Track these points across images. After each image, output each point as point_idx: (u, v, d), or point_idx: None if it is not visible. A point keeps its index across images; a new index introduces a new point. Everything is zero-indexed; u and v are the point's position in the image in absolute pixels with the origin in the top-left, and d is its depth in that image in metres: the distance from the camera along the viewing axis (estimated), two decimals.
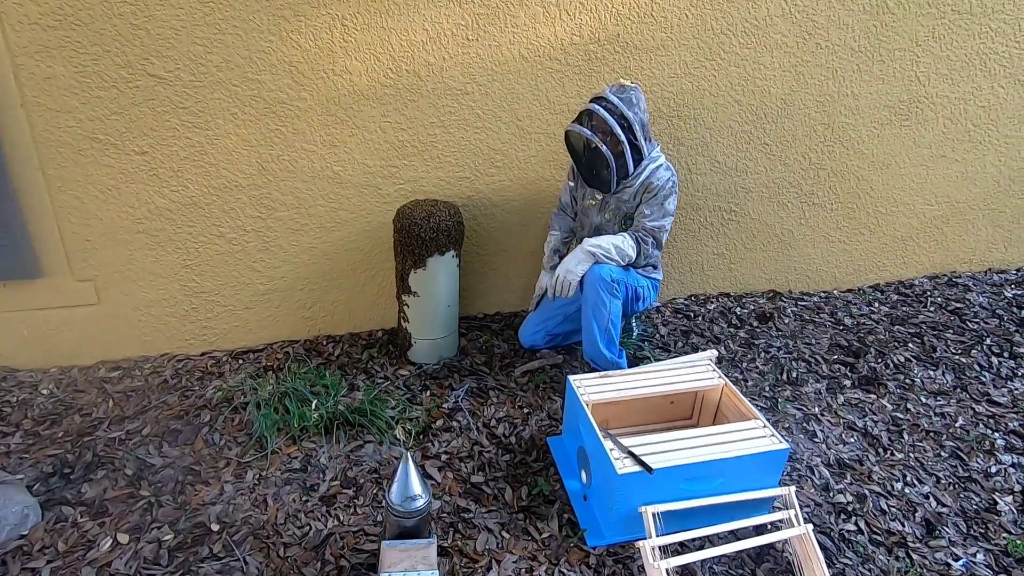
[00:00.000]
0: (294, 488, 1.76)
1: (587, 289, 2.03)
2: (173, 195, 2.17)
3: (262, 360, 2.35)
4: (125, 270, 2.23)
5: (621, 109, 1.91)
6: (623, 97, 1.94)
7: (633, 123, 1.93)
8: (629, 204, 2.07)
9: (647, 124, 2.01)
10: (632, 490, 1.52)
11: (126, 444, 1.91)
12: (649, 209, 2.03)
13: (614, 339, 2.09)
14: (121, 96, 1.99)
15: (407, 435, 1.96)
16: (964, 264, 3.21)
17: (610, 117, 1.90)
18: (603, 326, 2.04)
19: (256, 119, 2.13)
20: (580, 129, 1.94)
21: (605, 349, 2.08)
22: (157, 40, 1.95)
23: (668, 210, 2.04)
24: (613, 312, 2.03)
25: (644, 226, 2.04)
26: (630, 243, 2.03)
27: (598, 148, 1.91)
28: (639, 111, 1.95)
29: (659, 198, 2.02)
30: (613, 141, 1.92)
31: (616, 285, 2.00)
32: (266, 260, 2.35)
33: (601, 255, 2.00)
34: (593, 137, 1.91)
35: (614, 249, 2.01)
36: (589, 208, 2.17)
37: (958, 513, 1.73)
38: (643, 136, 1.97)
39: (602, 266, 2.00)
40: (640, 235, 2.04)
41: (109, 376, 2.24)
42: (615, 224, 2.12)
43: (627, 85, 1.97)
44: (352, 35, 2.09)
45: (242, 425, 1.99)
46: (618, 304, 2.04)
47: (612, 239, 2.03)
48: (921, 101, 2.75)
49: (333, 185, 2.30)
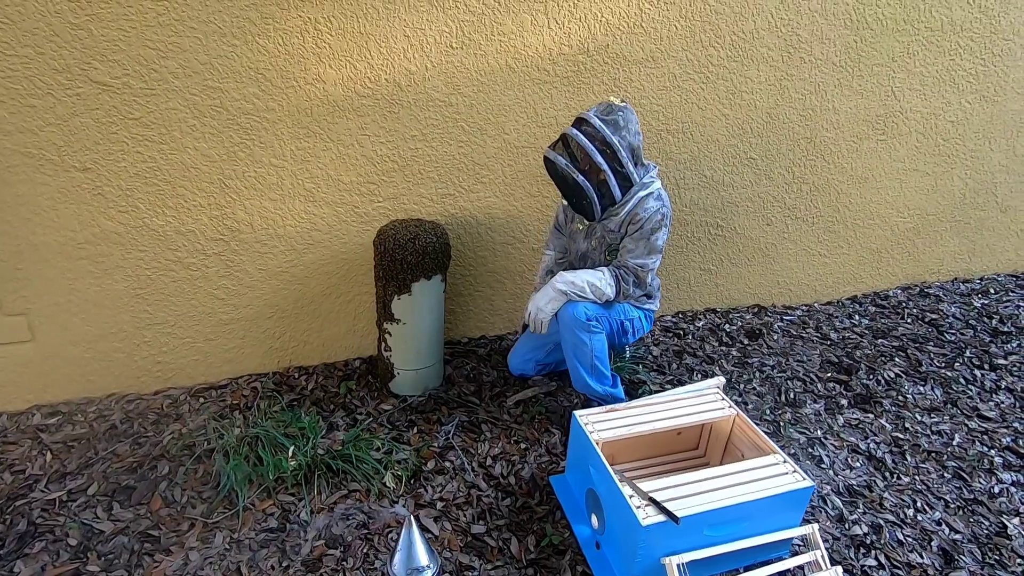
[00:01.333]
0: (272, 552, 1.56)
1: (563, 330, 1.88)
2: (122, 216, 1.92)
3: (226, 398, 2.12)
4: (64, 302, 1.96)
5: (603, 134, 1.72)
6: (608, 119, 1.75)
7: (618, 149, 1.74)
8: (614, 236, 1.89)
9: (638, 148, 1.81)
10: (654, 540, 1.41)
11: (68, 507, 1.65)
12: (633, 244, 1.84)
13: (603, 372, 1.94)
14: (59, 105, 1.74)
15: (397, 482, 1.78)
16: (933, 274, 3.28)
17: (589, 144, 1.72)
18: (587, 364, 1.91)
19: (218, 131, 1.91)
20: (555, 157, 1.76)
21: (596, 385, 1.95)
22: (101, 42, 1.71)
23: (655, 246, 1.84)
24: (596, 348, 1.88)
25: (626, 263, 1.86)
26: (607, 280, 1.85)
27: (574, 178, 1.74)
28: (627, 134, 1.76)
29: (644, 232, 1.82)
30: (593, 169, 1.75)
31: (594, 323, 1.85)
32: (229, 287, 2.12)
33: (574, 294, 1.83)
34: (568, 168, 1.73)
35: (588, 287, 1.83)
36: (576, 232, 2.03)
37: (971, 539, 1.70)
38: (631, 161, 1.79)
39: (576, 305, 1.84)
40: (620, 272, 1.86)
41: (45, 423, 1.96)
42: (601, 253, 1.95)
43: (615, 104, 1.78)
44: (326, 40, 1.91)
45: (207, 477, 1.77)
46: (600, 338, 1.89)
47: (588, 276, 1.85)
48: (896, 116, 2.78)
49: (305, 203, 2.09)
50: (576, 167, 1.75)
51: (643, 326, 2.05)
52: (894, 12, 2.54)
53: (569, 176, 1.75)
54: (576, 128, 1.76)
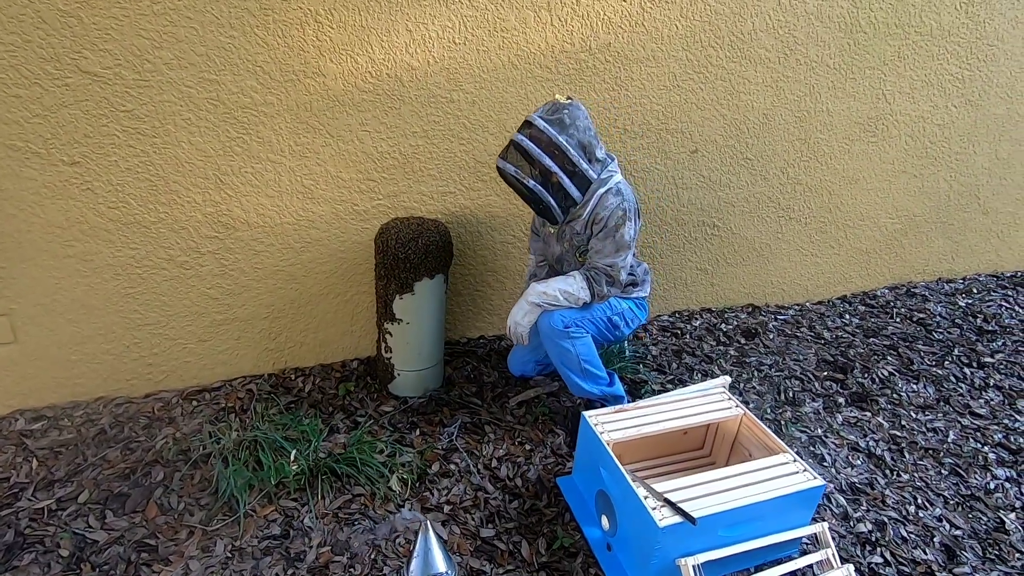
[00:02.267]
0: (275, 559, 1.51)
1: (544, 342, 1.85)
2: (112, 212, 1.84)
3: (220, 401, 2.05)
4: (50, 302, 1.87)
5: (549, 135, 1.66)
6: (553, 119, 1.68)
7: (567, 149, 1.68)
8: (580, 236, 1.84)
9: (590, 144, 1.74)
10: (670, 542, 1.40)
11: (58, 516, 1.58)
12: (600, 243, 1.78)
13: (596, 373, 1.90)
14: (46, 95, 1.66)
15: (403, 485, 1.74)
16: (919, 275, 3.35)
17: (535, 147, 1.66)
18: (577, 369, 1.87)
19: (214, 126, 1.85)
20: (503, 165, 1.70)
21: (591, 388, 1.91)
22: (92, 31, 1.64)
23: (622, 243, 1.77)
24: (582, 352, 1.84)
25: (596, 264, 1.81)
26: (580, 285, 1.81)
27: (524, 184, 1.69)
28: (576, 132, 1.70)
29: (608, 230, 1.76)
30: (544, 173, 1.69)
31: (573, 328, 1.81)
32: (224, 286, 2.05)
33: (547, 304, 1.82)
34: (518, 175, 1.68)
35: (560, 295, 1.81)
36: (549, 236, 1.97)
37: (972, 535, 1.73)
38: (584, 159, 1.73)
39: (551, 314, 1.81)
40: (591, 274, 1.81)
41: (30, 429, 1.87)
42: (572, 255, 1.90)
43: (560, 103, 1.71)
44: (327, 33, 1.86)
45: (204, 483, 1.71)
46: (584, 341, 1.85)
47: (559, 284, 1.82)
48: (886, 118, 2.82)
49: (303, 200, 2.04)
50: (527, 173, 1.70)
51: (636, 315, 2.00)
52: (886, 16, 2.59)
53: (519, 183, 1.71)
54: (522, 133, 1.70)
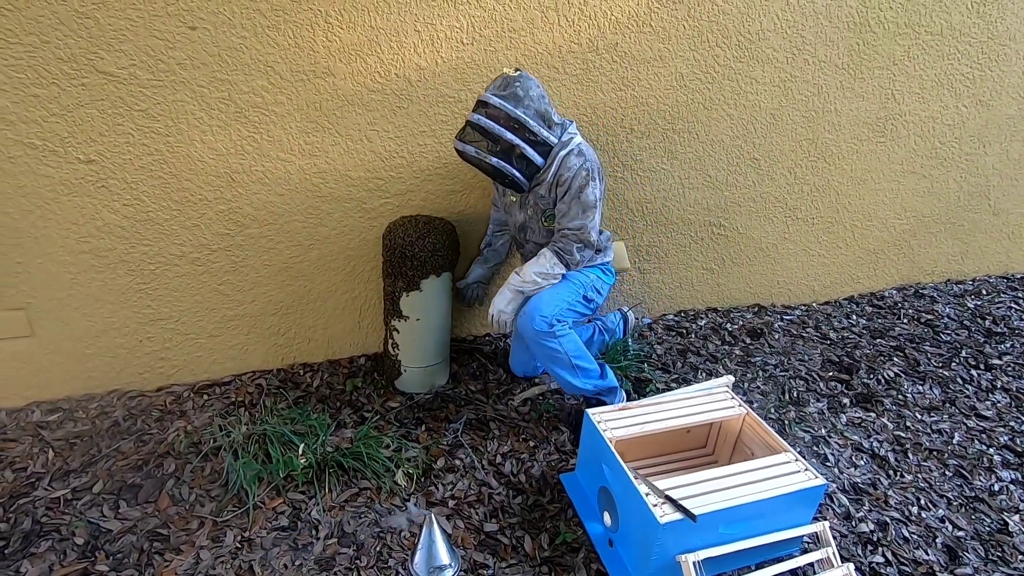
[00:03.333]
0: (284, 550, 1.54)
1: (531, 345, 1.86)
2: (126, 210, 1.88)
3: (230, 395, 2.09)
4: (65, 297, 1.92)
5: (506, 111, 1.69)
6: (507, 94, 1.70)
7: (526, 121, 1.70)
8: (545, 200, 1.86)
9: (547, 111, 1.76)
10: (670, 538, 1.41)
11: (73, 506, 1.62)
12: (566, 206, 1.80)
13: (587, 368, 1.90)
14: (63, 95, 1.70)
15: (408, 479, 1.77)
16: (927, 276, 3.33)
17: (495, 125, 1.68)
18: (566, 366, 1.88)
19: (225, 124, 1.88)
20: (463, 147, 1.72)
21: (583, 384, 1.91)
22: (108, 31, 1.68)
23: (588, 203, 1.79)
24: (570, 349, 1.85)
25: (564, 230, 1.83)
26: (552, 261, 1.86)
27: (487, 163, 1.71)
28: (531, 102, 1.72)
29: (573, 191, 1.78)
30: (504, 148, 1.71)
31: (557, 326, 1.82)
32: (234, 282, 2.09)
33: (529, 291, 1.87)
34: (479, 155, 1.70)
35: (538, 277, 1.85)
36: (511, 205, 2.00)
37: (974, 536, 1.73)
38: (543, 127, 1.75)
39: (532, 316, 1.80)
40: (560, 245, 1.84)
41: (46, 420, 1.92)
42: (537, 220, 1.93)
43: (510, 76, 1.73)
44: (336, 34, 1.89)
45: (215, 475, 1.74)
46: (570, 338, 1.86)
47: (533, 268, 1.86)
48: (895, 118, 2.81)
49: (312, 199, 2.07)
50: (487, 150, 1.71)
51: (605, 281, 2.02)
52: (896, 15, 2.57)
53: (482, 163, 1.72)
54: (477, 112, 1.71)
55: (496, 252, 2.25)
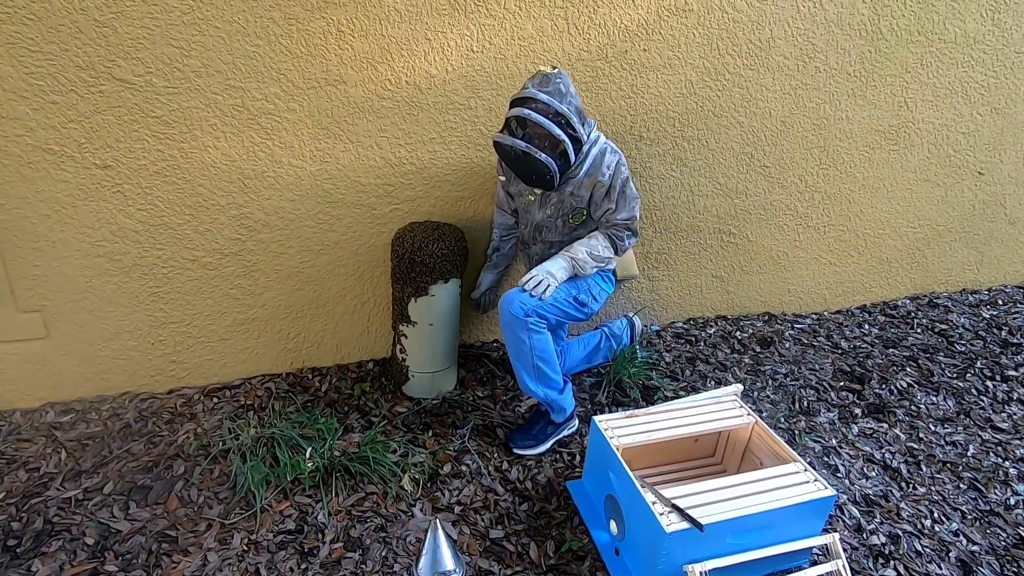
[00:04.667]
0: (290, 553, 1.55)
1: (503, 328, 1.82)
2: (140, 214, 1.91)
3: (240, 398, 2.11)
4: (80, 299, 1.95)
5: (554, 106, 1.68)
6: (551, 90, 1.70)
7: (570, 117, 1.70)
8: (576, 197, 1.85)
9: (581, 108, 1.78)
10: (677, 548, 1.40)
11: (84, 506, 1.64)
12: (612, 203, 1.84)
13: (548, 375, 1.86)
14: (81, 102, 1.74)
15: (415, 485, 1.77)
16: (942, 285, 3.28)
17: (545, 120, 1.66)
18: (528, 364, 1.83)
19: (238, 131, 1.91)
20: (513, 142, 1.68)
21: (537, 388, 1.86)
22: (126, 40, 1.71)
23: (631, 195, 1.85)
24: (537, 348, 1.81)
25: (615, 222, 1.85)
26: (605, 244, 1.87)
27: (536, 158, 1.68)
28: (571, 98, 1.73)
29: (616, 186, 1.82)
30: (552, 144, 1.70)
31: (532, 319, 1.78)
32: (245, 286, 2.11)
33: (579, 268, 1.85)
34: (529, 148, 1.66)
35: (591, 259, 1.85)
36: (529, 205, 1.96)
37: (989, 551, 1.70)
38: (581, 123, 1.76)
39: (511, 298, 1.78)
40: (614, 232, 1.87)
41: (59, 421, 1.95)
42: (558, 219, 1.91)
43: (550, 74, 1.73)
44: (348, 42, 1.91)
45: (223, 478, 1.76)
46: (541, 337, 1.81)
47: (585, 248, 1.85)
48: (908, 126, 2.79)
49: (323, 204, 2.09)
50: (536, 145, 1.69)
51: (603, 288, 1.98)
52: (908, 23, 2.56)
53: (531, 157, 1.69)
54: (527, 107, 1.69)
55: (504, 256, 2.24)
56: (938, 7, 2.57)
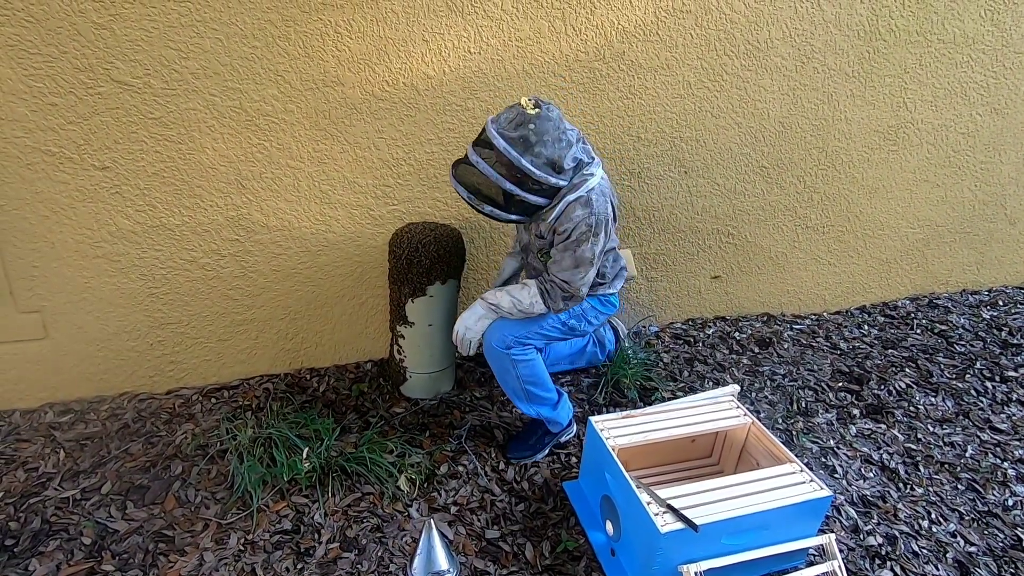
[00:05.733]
0: (286, 553, 1.55)
1: (487, 358, 1.77)
2: (139, 216, 1.92)
3: (238, 399, 2.11)
4: (79, 300, 1.96)
5: (511, 158, 1.47)
6: (516, 137, 1.48)
7: (531, 172, 1.49)
8: (542, 241, 1.71)
9: (560, 157, 1.54)
10: (672, 548, 1.40)
11: (82, 506, 1.65)
12: (559, 255, 1.63)
13: (538, 395, 1.81)
14: (80, 104, 1.75)
15: (411, 485, 1.78)
16: (942, 285, 3.28)
17: (494, 173, 1.49)
18: (517, 391, 1.80)
19: (236, 132, 1.92)
20: (458, 188, 1.56)
21: (526, 407, 1.84)
22: (124, 42, 1.72)
23: (582, 258, 1.61)
24: (524, 374, 1.75)
25: (553, 276, 1.67)
26: (533, 297, 1.68)
27: (479, 210, 1.58)
28: (544, 149, 1.50)
29: (569, 244, 1.60)
30: (502, 194, 1.56)
31: (514, 350, 1.71)
32: (243, 287, 2.12)
33: (503, 313, 1.71)
34: (472, 201, 1.54)
35: (513, 307, 1.68)
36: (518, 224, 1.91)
37: (987, 552, 1.69)
38: (553, 174, 1.55)
39: (492, 332, 1.70)
40: (547, 286, 1.68)
41: (58, 421, 1.95)
42: (536, 250, 1.80)
43: (528, 114, 1.50)
44: (346, 44, 1.92)
45: (220, 478, 1.76)
46: (528, 364, 1.74)
47: (514, 294, 1.70)
48: (907, 127, 2.78)
49: (320, 205, 2.10)
50: (482, 198, 1.56)
51: (600, 312, 1.87)
52: (907, 24, 2.56)
53: (476, 208, 1.58)
54: (478, 152, 1.52)
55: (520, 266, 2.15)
56: (937, 8, 2.57)
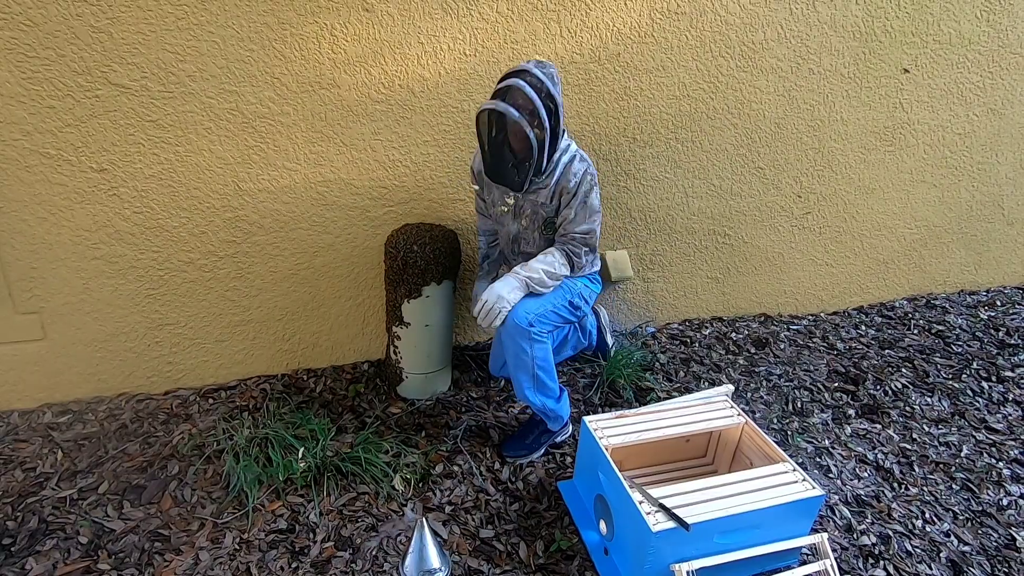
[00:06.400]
0: (281, 552, 1.56)
1: (504, 337, 1.77)
2: (136, 217, 1.94)
3: (235, 399, 2.13)
4: (77, 301, 1.97)
5: (547, 86, 1.59)
6: (547, 72, 1.61)
7: (559, 105, 1.63)
8: (547, 208, 1.79)
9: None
10: (664, 547, 1.41)
11: (79, 505, 1.66)
12: (572, 211, 1.75)
13: (547, 384, 1.83)
14: (77, 106, 1.76)
15: (406, 484, 1.78)
16: (939, 286, 3.28)
17: (536, 96, 1.55)
18: (529, 374, 1.80)
19: (233, 135, 1.93)
20: (506, 108, 1.54)
21: (535, 398, 1.84)
22: (121, 45, 1.74)
23: (593, 207, 1.77)
24: (538, 357, 1.77)
25: (572, 234, 1.77)
26: (561, 261, 1.78)
27: (524, 134, 1.57)
28: (560, 91, 1.66)
29: (579, 196, 1.74)
30: (538, 125, 1.59)
31: (535, 328, 1.73)
32: (241, 288, 2.13)
33: (535, 286, 1.75)
34: (521, 120, 1.54)
35: (546, 276, 1.76)
36: (503, 216, 1.89)
37: (980, 551, 1.69)
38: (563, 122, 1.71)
39: (516, 310, 1.73)
40: (570, 248, 1.79)
41: (56, 422, 1.97)
42: (534, 231, 1.85)
43: (544, 61, 1.68)
44: (342, 46, 1.93)
45: (216, 477, 1.77)
46: (543, 347, 1.78)
47: (541, 264, 1.76)
48: (904, 127, 2.79)
49: (317, 207, 2.11)
50: (528, 122, 1.57)
51: (592, 290, 1.94)
52: (903, 24, 2.56)
53: (520, 130, 1.57)
54: (519, 78, 1.58)
55: (495, 263, 2.18)
56: (932, 8, 2.58)
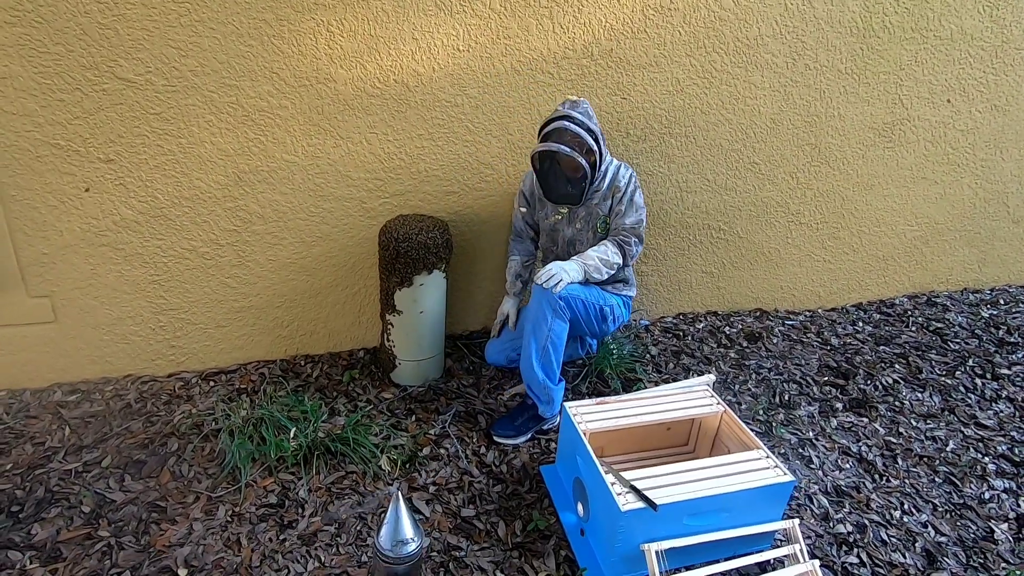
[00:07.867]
0: (270, 525, 1.63)
1: (532, 301, 1.93)
2: (141, 206, 2.02)
3: (235, 382, 2.21)
4: (85, 286, 2.07)
5: (587, 123, 1.92)
6: (582, 111, 1.95)
7: (599, 134, 1.95)
8: (601, 207, 2.04)
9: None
10: (634, 527, 1.45)
11: (83, 477, 1.75)
12: (623, 207, 2.02)
13: (552, 363, 1.93)
14: (86, 100, 1.85)
15: (392, 465, 1.85)
16: (942, 284, 3.26)
17: (582, 131, 1.89)
18: (541, 344, 1.90)
19: (233, 127, 2.01)
20: (561, 148, 1.85)
21: (539, 370, 1.92)
22: (127, 41, 1.82)
23: (639, 204, 2.04)
24: (555, 332, 1.90)
25: (623, 227, 2.01)
26: (613, 250, 1.99)
27: (578, 164, 1.89)
28: (595, 121, 1.99)
29: (628, 194, 2.01)
30: (588, 153, 1.93)
31: (564, 305, 1.88)
32: (241, 276, 2.21)
33: (591, 273, 1.94)
34: (574, 154, 1.86)
35: (602, 264, 1.96)
36: (557, 223, 2.10)
37: (957, 542, 1.71)
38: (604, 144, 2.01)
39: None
40: (622, 238, 2.01)
41: (65, 400, 2.07)
42: (588, 231, 2.07)
43: (577, 100, 1.98)
44: (338, 42, 2.00)
45: (213, 455, 1.85)
46: (561, 325, 1.91)
47: (596, 251, 1.97)
48: (904, 124, 2.78)
49: (314, 198, 2.18)
50: (580, 153, 1.89)
51: (623, 313, 2.11)
52: (902, 20, 2.56)
53: (573, 161, 1.89)
54: (566, 121, 1.91)
55: (526, 284, 2.30)
56: (933, 4, 2.57)
